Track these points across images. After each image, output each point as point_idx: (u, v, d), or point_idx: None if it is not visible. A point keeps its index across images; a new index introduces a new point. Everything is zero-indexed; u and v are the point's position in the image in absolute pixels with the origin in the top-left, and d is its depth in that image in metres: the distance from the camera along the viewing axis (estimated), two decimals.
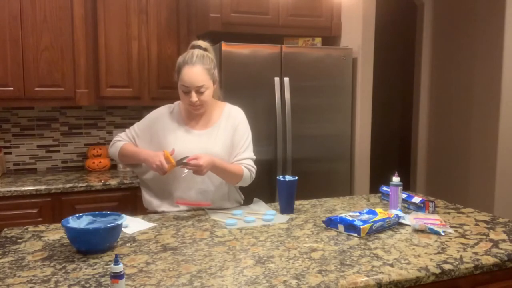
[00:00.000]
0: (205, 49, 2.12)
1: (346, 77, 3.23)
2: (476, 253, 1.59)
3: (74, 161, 3.46)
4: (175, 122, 2.16)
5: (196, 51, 2.06)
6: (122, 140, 2.19)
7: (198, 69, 2.01)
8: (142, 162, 2.11)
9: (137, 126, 2.23)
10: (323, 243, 1.69)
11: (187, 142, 2.09)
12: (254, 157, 2.20)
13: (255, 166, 2.17)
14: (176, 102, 2.24)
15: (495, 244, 1.69)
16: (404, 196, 2.19)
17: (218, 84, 2.19)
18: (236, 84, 2.93)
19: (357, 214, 1.92)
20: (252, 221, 1.95)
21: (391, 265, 1.48)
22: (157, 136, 2.15)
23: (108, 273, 1.40)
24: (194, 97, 2.02)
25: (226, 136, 2.13)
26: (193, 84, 2.00)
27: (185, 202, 2.09)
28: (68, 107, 3.38)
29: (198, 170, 1.94)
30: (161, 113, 2.21)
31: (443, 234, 1.79)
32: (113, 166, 3.41)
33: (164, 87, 3.29)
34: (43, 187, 2.81)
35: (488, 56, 3.84)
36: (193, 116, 2.16)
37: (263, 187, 2.98)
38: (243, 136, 2.16)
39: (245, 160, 2.13)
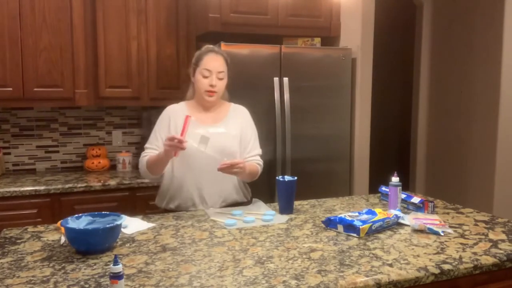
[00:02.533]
0: None
1: (345, 77, 3.23)
2: (475, 253, 1.59)
3: (73, 161, 3.46)
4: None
5: (215, 47, 2.26)
6: (145, 156, 2.21)
7: (220, 58, 2.22)
8: (165, 156, 2.06)
9: (153, 133, 2.25)
10: (322, 243, 1.69)
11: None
12: (261, 152, 2.34)
13: (262, 160, 2.33)
14: (181, 102, 2.32)
15: (494, 244, 1.69)
16: (403, 196, 2.19)
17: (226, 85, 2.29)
18: (235, 85, 2.90)
19: (357, 214, 1.92)
20: (251, 221, 1.95)
21: (390, 265, 1.48)
22: (173, 132, 2.16)
23: (107, 273, 1.40)
24: (214, 80, 2.16)
25: (236, 130, 2.25)
26: (216, 68, 2.17)
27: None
28: (67, 107, 3.38)
29: (239, 169, 2.04)
30: (171, 110, 2.27)
31: (442, 234, 1.79)
32: (112, 167, 3.41)
33: (163, 88, 3.29)
34: (42, 188, 2.80)
35: (487, 56, 3.84)
36: (202, 111, 2.25)
37: (262, 187, 2.97)
38: (252, 133, 2.31)
39: (255, 157, 2.28)
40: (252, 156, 2.26)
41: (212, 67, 2.16)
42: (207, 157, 2.11)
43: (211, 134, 2.10)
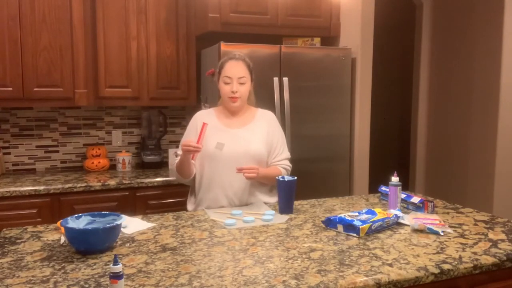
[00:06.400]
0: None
1: (345, 77, 3.23)
2: (475, 253, 1.59)
3: (73, 161, 3.46)
4: (214, 121, 2.29)
5: (237, 53, 2.33)
6: (175, 162, 2.31)
7: (240, 63, 2.27)
8: (185, 158, 2.18)
9: (183, 140, 2.33)
10: (322, 243, 1.69)
11: (229, 139, 2.22)
12: (290, 156, 2.40)
13: (290, 165, 2.39)
14: (210, 109, 2.42)
15: (494, 244, 1.69)
16: (403, 196, 2.19)
17: (253, 89, 2.35)
18: None
19: (356, 214, 1.92)
20: (251, 221, 1.95)
21: (390, 265, 1.48)
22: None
23: (107, 273, 1.40)
24: (235, 86, 2.22)
25: (263, 135, 2.30)
26: (236, 74, 2.23)
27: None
28: (67, 107, 3.37)
29: (252, 173, 2.14)
30: (199, 115, 2.37)
31: (442, 234, 1.79)
32: (112, 167, 3.41)
33: (163, 87, 3.29)
34: (42, 188, 2.80)
35: (487, 56, 3.85)
36: (230, 116, 2.32)
37: None
38: (279, 138, 2.36)
39: (283, 161, 2.34)
40: (279, 160, 2.32)
41: (233, 73, 2.23)
42: (232, 159, 2.19)
43: (238, 135, 2.19)
